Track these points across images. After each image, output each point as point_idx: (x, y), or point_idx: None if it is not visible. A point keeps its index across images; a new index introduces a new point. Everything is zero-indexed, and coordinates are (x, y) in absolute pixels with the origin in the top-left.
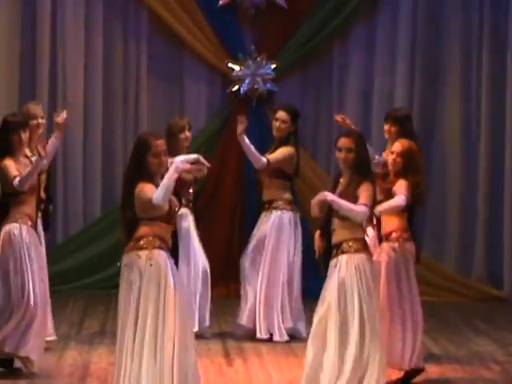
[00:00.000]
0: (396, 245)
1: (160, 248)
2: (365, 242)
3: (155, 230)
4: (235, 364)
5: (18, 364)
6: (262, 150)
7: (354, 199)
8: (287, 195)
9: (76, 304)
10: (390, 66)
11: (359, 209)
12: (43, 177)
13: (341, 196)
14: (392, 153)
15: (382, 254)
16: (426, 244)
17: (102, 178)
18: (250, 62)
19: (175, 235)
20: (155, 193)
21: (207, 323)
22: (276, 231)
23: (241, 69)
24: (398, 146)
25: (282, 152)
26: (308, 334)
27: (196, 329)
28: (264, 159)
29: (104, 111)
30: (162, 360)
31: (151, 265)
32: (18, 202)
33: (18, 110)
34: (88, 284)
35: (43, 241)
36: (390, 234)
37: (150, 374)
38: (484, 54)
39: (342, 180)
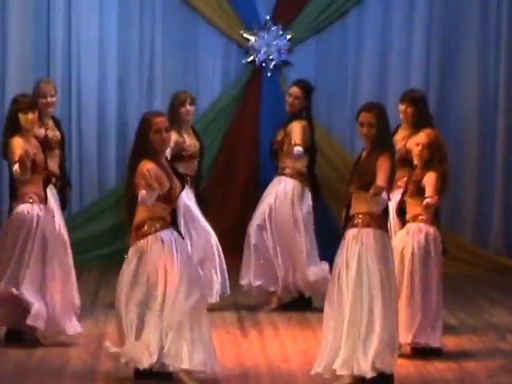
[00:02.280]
0: (422, 225)
1: (162, 228)
2: (377, 216)
3: (153, 211)
4: (250, 335)
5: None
6: (277, 122)
7: (373, 171)
8: (299, 165)
9: (91, 274)
10: (407, 34)
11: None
12: (57, 152)
13: (361, 169)
14: (417, 144)
15: (406, 235)
16: (443, 215)
17: (117, 148)
18: (265, 33)
19: (175, 215)
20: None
21: (228, 292)
22: (278, 196)
23: (256, 39)
24: (423, 137)
25: (297, 129)
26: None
27: (214, 300)
28: (299, 149)
29: (118, 82)
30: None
31: (155, 245)
32: (25, 180)
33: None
34: (103, 255)
35: (58, 215)
36: (417, 216)
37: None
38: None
39: (363, 153)
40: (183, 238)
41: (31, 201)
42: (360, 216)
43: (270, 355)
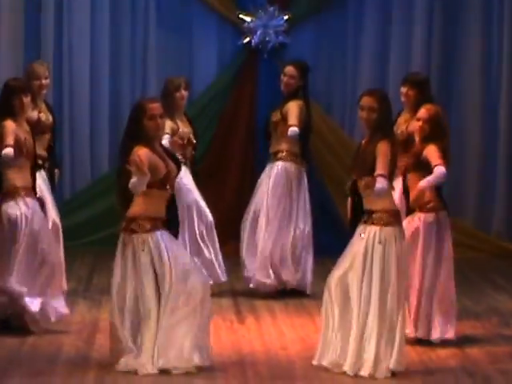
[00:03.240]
0: (433, 215)
1: (151, 230)
2: (396, 212)
3: (148, 206)
4: (247, 321)
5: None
6: (274, 104)
7: (373, 158)
8: (293, 147)
9: (84, 260)
10: (408, 14)
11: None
12: (47, 136)
13: (361, 156)
14: (418, 119)
15: (419, 224)
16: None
17: (110, 133)
18: (262, 13)
19: (173, 201)
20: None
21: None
22: (275, 181)
23: (252, 20)
24: (424, 112)
25: (293, 108)
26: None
27: (223, 279)
28: (295, 130)
29: (111, 66)
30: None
31: (143, 250)
32: (12, 166)
33: (23, 68)
34: (96, 240)
35: (48, 198)
36: (426, 204)
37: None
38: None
39: (363, 141)
40: (177, 238)
41: (19, 197)
42: (379, 214)
43: (267, 342)
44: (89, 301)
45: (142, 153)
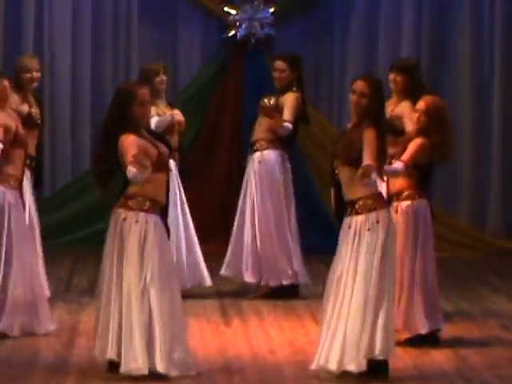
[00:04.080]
0: (409, 203)
1: (148, 211)
2: (379, 195)
3: (146, 188)
4: (233, 324)
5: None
6: (260, 96)
7: (359, 145)
8: (271, 135)
9: (64, 260)
10: (397, 6)
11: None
12: (36, 132)
13: (345, 141)
14: (416, 111)
15: (395, 214)
16: (438, 196)
17: (91, 130)
18: (247, 6)
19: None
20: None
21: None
22: (259, 172)
23: (237, 13)
24: (421, 104)
25: (290, 101)
26: None
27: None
28: (289, 127)
29: (93, 61)
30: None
31: (133, 225)
32: (6, 156)
33: (2, 61)
34: (76, 239)
35: (29, 199)
36: (401, 192)
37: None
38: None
39: (348, 126)
40: (168, 230)
41: (9, 185)
42: (361, 201)
43: (254, 346)
44: (68, 302)
45: (130, 141)
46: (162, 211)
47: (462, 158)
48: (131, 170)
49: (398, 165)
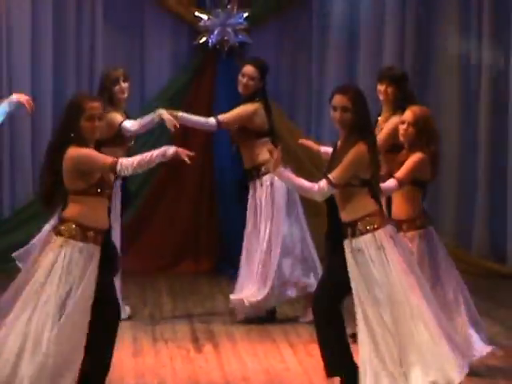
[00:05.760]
0: (409, 234)
1: (79, 239)
2: (379, 211)
3: (81, 213)
4: (205, 350)
5: None
6: (233, 107)
7: None
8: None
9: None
10: (378, 7)
11: (315, 188)
12: None
13: (335, 160)
14: (403, 122)
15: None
16: None
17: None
18: (220, 11)
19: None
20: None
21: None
22: (271, 198)
23: (209, 18)
24: (409, 114)
25: (237, 111)
26: None
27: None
28: (211, 121)
29: (55, 66)
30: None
31: (63, 255)
32: None
33: None
34: None
35: None
36: (402, 223)
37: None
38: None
39: (338, 142)
40: (115, 255)
41: None
42: (365, 221)
43: (227, 373)
44: None
45: (86, 150)
46: (102, 238)
47: (446, 175)
48: (122, 164)
49: (390, 183)
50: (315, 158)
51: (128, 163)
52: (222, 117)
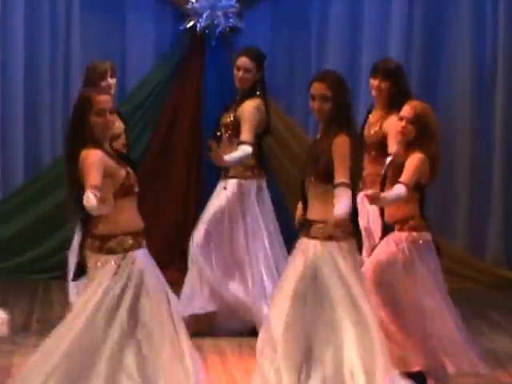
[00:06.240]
0: (415, 234)
1: (133, 247)
2: (344, 223)
3: (120, 219)
4: None
5: None
6: (225, 102)
7: (328, 158)
8: (250, 160)
9: None
10: None
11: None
12: None
13: (314, 154)
14: (401, 119)
15: (399, 245)
16: (432, 221)
17: (25, 142)
18: None
19: None
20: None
21: None
22: (236, 205)
23: (196, 0)
24: (408, 110)
25: (248, 114)
26: None
27: None
28: (247, 148)
29: (26, 55)
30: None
31: (116, 274)
32: None
33: None
34: (8, 268)
35: None
36: (406, 221)
37: None
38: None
39: (318, 135)
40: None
41: None
42: (320, 226)
43: None
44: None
45: (93, 159)
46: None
47: (459, 179)
48: (89, 198)
49: (399, 189)
50: None
51: (89, 204)
52: (246, 138)
